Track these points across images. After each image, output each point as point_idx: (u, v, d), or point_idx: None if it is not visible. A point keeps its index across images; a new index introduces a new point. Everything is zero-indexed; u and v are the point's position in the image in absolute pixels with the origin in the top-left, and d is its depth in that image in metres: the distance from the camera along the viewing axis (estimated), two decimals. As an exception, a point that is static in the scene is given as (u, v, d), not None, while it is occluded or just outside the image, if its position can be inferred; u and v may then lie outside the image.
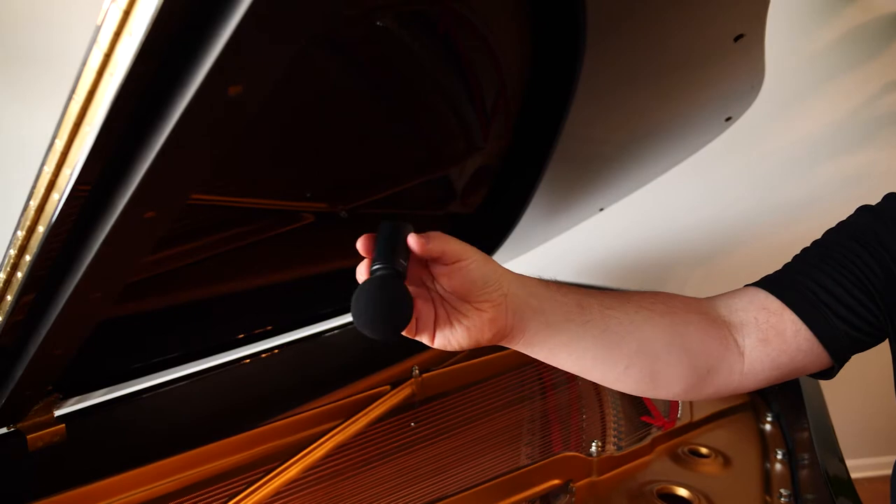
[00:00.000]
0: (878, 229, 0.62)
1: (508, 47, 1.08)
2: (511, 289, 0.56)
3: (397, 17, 0.86)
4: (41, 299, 0.64)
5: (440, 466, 0.97)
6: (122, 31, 0.33)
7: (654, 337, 0.61)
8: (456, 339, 0.55)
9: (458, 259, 0.53)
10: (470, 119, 1.18)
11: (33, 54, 1.68)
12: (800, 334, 0.62)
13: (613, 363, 0.61)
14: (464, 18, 0.96)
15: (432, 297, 0.55)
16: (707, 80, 1.01)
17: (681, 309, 0.64)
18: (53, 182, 0.43)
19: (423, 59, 0.95)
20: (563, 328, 0.59)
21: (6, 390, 0.78)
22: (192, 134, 0.37)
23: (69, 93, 0.38)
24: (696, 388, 0.64)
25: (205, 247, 0.96)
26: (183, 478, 0.90)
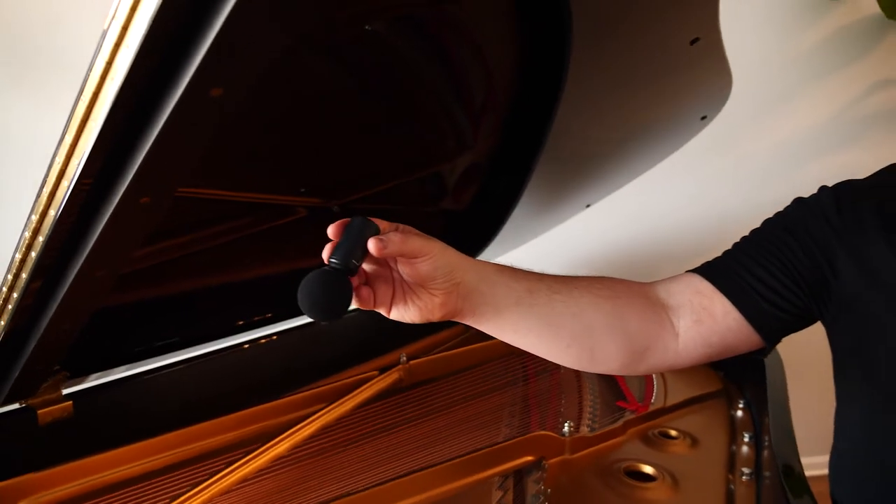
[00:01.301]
0: (808, 220, 0.69)
1: (497, 51, 1.14)
2: (464, 278, 0.63)
3: (387, 21, 0.93)
4: (50, 281, 0.71)
5: (422, 444, 1.04)
6: (121, 43, 0.41)
7: (595, 319, 0.69)
8: (409, 315, 0.63)
9: (416, 256, 0.61)
10: (459, 119, 1.24)
11: (43, 58, 1.77)
12: (729, 315, 0.69)
13: (556, 341, 0.69)
14: (453, 23, 1.03)
15: (393, 278, 0.63)
16: (675, 83, 1.08)
17: (623, 293, 0.71)
18: (63, 171, 0.51)
19: (413, 62, 1.02)
20: (511, 310, 0.66)
21: (17, 368, 0.86)
22: (179, 130, 0.44)
23: (77, 94, 0.46)
24: (633, 365, 0.72)
25: (205, 238, 1.03)
26: (180, 452, 0.98)
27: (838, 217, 0.67)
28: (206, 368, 1.12)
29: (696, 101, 1.18)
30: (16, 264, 0.64)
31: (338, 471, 0.97)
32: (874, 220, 0.66)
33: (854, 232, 0.66)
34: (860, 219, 0.67)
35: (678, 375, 1.30)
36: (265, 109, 0.85)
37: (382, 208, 1.29)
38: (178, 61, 0.42)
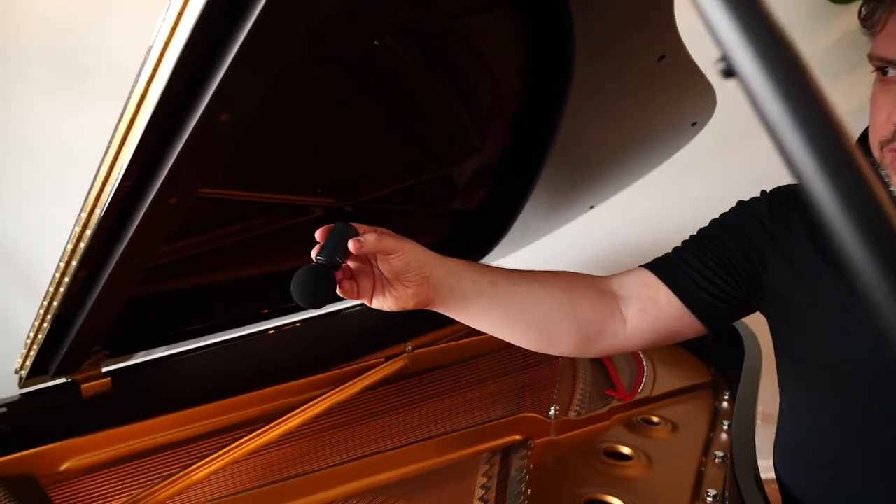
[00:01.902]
0: (744, 222, 0.79)
1: (503, 60, 1.24)
2: (433, 272, 0.75)
3: (397, 34, 1.03)
4: (94, 270, 0.84)
5: (422, 423, 1.16)
6: (153, 80, 0.53)
7: (551, 308, 0.79)
8: (387, 304, 0.74)
9: (389, 253, 0.72)
10: (468, 123, 1.35)
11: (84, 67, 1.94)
12: (672, 305, 0.79)
13: (516, 327, 0.80)
14: (459, 34, 1.13)
15: (373, 273, 0.74)
16: (656, 95, 1.17)
17: (577, 285, 0.82)
18: (107, 178, 0.63)
19: (422, 70, 1.12)
20: (476, 300, 0.77)
21: (64, 347, 1.00)
22: (197, 147, 0.56)
23: (118, 117, 0.58)
24: (586, 347, 0.82)
25: (232, 234, 1.15)
26: (205, 424, 1.11)
27: (770, 221, 0.77)
28: (231, 352, 1.25)
29: (682, 110, 1.26)
30: (67, 254, 0.77)
31: (345, 443, 1.09)
32: (800, 224, 0.75)
33: (783, 235, 0.76)
34: (788, 223, 0.76)
35: (669, 367, 1.39)
36: (283, 116, 0.96)
37: (394, 208, 1.40)
38: (195, 92, 0.54)
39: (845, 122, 0.26)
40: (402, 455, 1.00)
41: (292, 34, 0.53)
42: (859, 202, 0.24)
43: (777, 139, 0.26)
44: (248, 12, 0.45)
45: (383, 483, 0.98)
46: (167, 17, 0.49)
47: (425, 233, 1.56)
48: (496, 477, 1.00)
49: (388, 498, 0.95)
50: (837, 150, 0.24)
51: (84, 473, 1.00)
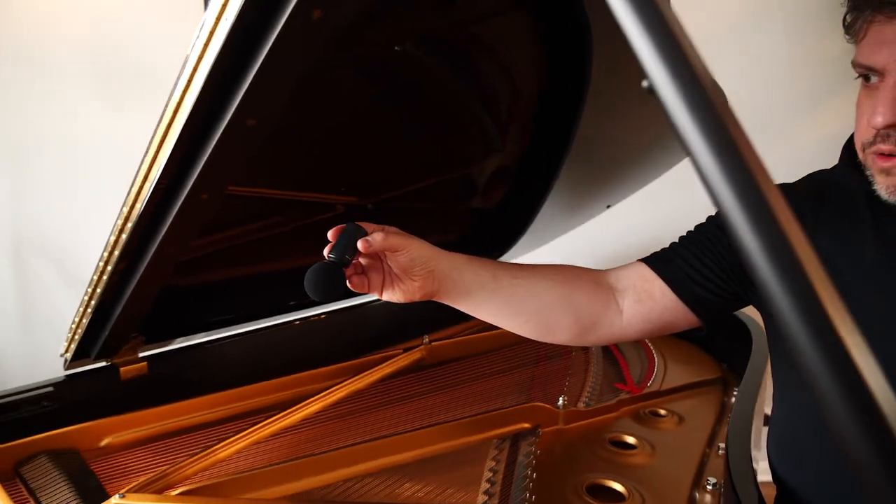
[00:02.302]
0: None
1: (523, 63, 1.29)
2: (437, 266, 0.81)
3: (417, 39, 1.09)
4: (133, 261, 0.93)
5: (436, 411, 1.22)
6: (187, 90, 0.60)
7: (550, 299, 0.85)
8: (396, 297, 0.81)
9: (396, 250, 0.79)
10: (488, 125, 1.40)
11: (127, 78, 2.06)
12: (666, 297, 0.84)
13: (517, 317, 0.86)
14: (479, 39, 1.19)
15: (382, 269, 0.81)
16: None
17: (575, 278, 0.88)
18: (147, 175, 0.72)
19: (443, 74, 1.17)
20: (478, 293, 0.84)
21: (105, 332, 1.09)
22: (226, 149, 0.64)
23: (157, 122, 0.66)
24: (583, 336, 0.88)
25: (259, 229, 1.23)
26: (233, 407, 1.19)
27: None
28: (258, 341, 1.34)
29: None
30: (109, 245, 0.86)
31: (362, 428, 1.16)
32: None
33: None
34: None
35: (679, 363, 1.44)
36: (309, 118, 1.03)
37: (415, 207, 1.47)
38: (224, 101, 0.61)
39: (744, 130, 0.31)
40: (415, 438, 1.07)
41: (308, 54, 0.60)
42: (752, 198, 0.29)
43: (684, 144, 0.31)
44: (269, 33, 0.52)
45: (397, 464, 1.05)
46: (200, 34, 0.57)
47: (446, 231, 1.63)
48: (504, 462, 1.06)
49: (401, 478, 1.02)
50: (732, 149, 0.30)
51: (121, 449, 1.09)
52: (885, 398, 0.29)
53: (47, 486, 0.96)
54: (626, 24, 0.31)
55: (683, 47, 0.30)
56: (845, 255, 0.77)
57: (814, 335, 0.29)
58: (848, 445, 0.29)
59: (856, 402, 0.29)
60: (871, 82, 0.72)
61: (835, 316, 0.29)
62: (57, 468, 0.99)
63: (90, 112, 2.21)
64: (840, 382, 0.29)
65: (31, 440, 1.02)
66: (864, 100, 0.74)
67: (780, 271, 0.31)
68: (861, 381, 0.29)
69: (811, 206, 0.81)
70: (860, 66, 0.72)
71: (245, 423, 1.11)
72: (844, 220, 0.78)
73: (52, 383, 1.10)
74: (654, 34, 0.30)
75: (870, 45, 0.70)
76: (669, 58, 0.30)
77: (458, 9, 1.10)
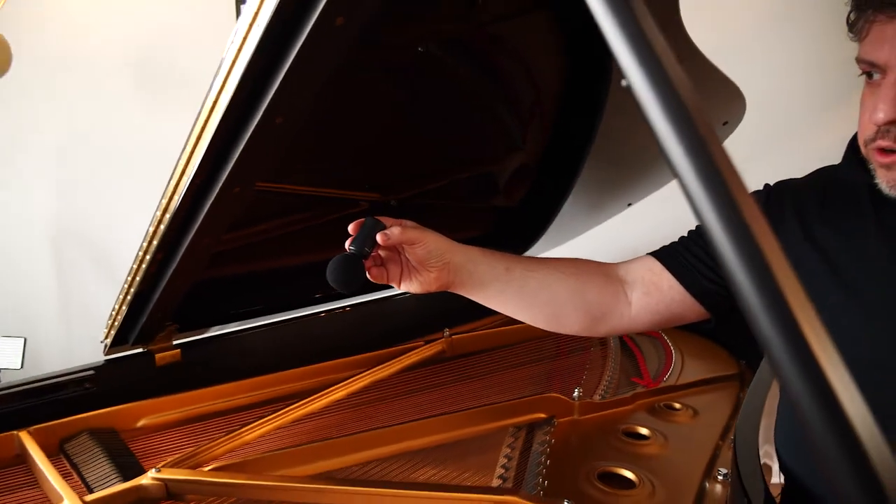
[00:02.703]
0: None
1: (544, 63, 1.33)
2: (453, 259, 0.86)
3: (441, 41, 1.14)
4: (169, 252, 1.00)
5: (454, 401, 1.27)
6: (222, 91, 0.66)
7: (560, 291, 0.90)
8: (413, 287, 0.86)
9: (413, 243, 0.84)
10: (510, 124, 1.44)
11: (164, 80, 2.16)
12: (673, 289, 0.88)
13: (529, 308, 0.90)
14: (501, 41, 1.23)
15: (401, 260, 0.86)
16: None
17: (585, 271, 0.92)
18: (184, 171, 0.78)
19: (466, 74, 1.22)
20: (492, 284, 0.88)
21: (142, 320, 1.16)
22: (257, 145, 0.70)
23: (194, 120, 0.72)
24: (593, 327, 0.92)
25: (286, 224, 1.29)
26: (260, 393, 1.26)
27: (766, 210, 0.84)
28: (285, 331, 1.40)
29: (711, 110, 1.34)
30: (149, 235, 0.93)
31: (383, 415, 1.22)
32: (793, 215, 0.83)
33: (777, 224, 0.83)
34: (783, 213, 0.84)
35: (697, 358, 1.46)
36: (335, 117, 1.09)
37: (438, 204, 1.52)
38: (255, 101, 0.67)
39: (709, 124, 0.35)
40: (433, 425, 1.13)
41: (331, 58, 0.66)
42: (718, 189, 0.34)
43: (657, 136, 0.36)
44: (296, 39, 0.58)
45: (416, 449, 1.10)
46: (234, 40, 0.63)
47: (469, 228, 1.68)
48: (519, 449, 1.10)
49: (420, 462, 1.07)
50: (698, 142, 0.34)
51: (156, 430, 1.16)
52: (855, 410, 0.32)
53: (89, 462, 1.03)
54: (606, 31, 0.35)
55: (657, 52, 0.35)
56: (849, 247, 0.80)
57: (784, 344, 0.33)
58: (822, 461, 0.32)
59: (826, 408, 0.32)
60: (873, 79, 0.75)
61: (802, 320, 0.33)
62: (97, 445, 1.06)
63: (127, 113, 2.33)
64: (812, 395, 0.32)
65: (74, 419, 1.10)
66: (866, 97, 0.76)
67: (748, 270, 0.35)
68: (829, 387, 0.32)
69: (817, 201, 0.84)
70: (863, 63, 0.75)
71: (271, 409, 1.17)
72: (848, 214, 0.81)
73: (93, 367, 1.17)
74: (631, 40, 0.34)
75: (872, 42, 0.73)
76: (644, 61, 0.34)
77: (480, 11, 1.15)
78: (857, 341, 0.78)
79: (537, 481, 1.00)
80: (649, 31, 0.35)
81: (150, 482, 0.92)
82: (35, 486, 0.99)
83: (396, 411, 1.24)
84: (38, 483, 0.99)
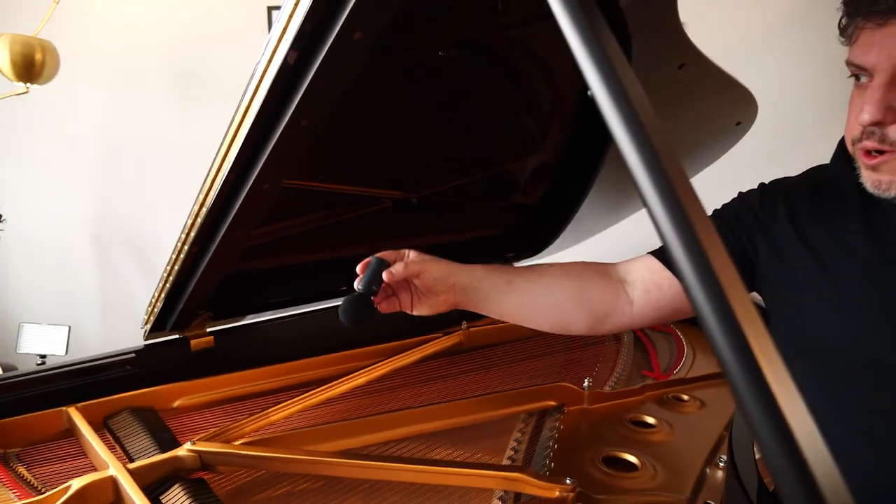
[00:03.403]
0: (739, 210, 0.93)
1: (563, 64, 1.39)
2: (458, 280, 0.94)
3: (461, 45, 1.21)
4: (204, 245, 1.09)
5: (469, 389, 1.35)
6: (254, 97, 0.75)
7: (563, 297, 0.97)
8: (424, 310, 0.95)
9: (417, 275, 0.92)
10: (529, 124, 1.51)
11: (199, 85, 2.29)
12: (673, 287, 0.94)
13: (534, 315, 0.98)
14: (520, 44, 1.29)
15: (410, 289, 0.94)
16: (692, 97, 1.30)
17: (585, 274, 0.98)
18: (219, 169, 0.87)
19: (485, 76, 1.29)
20: (496, 298, 0.96)
21: (178, 308, 1.26)
22: (285, 145, 0.78)
23: (229, 123, 0.81)
24: (597, 326, 0.98)
25: (313, 220, 1.37)
26: (287, 378, 1.35)
27: (761, 209, 0.90)
28: (310, 321, 1.49)
29: (722, 111, 1.39)
30: (186, 228, 1.02)
31: (401, 401, 1.30)
32: (785, 212, 0.88)
33: (770, 221, 0.89)
34: (776, 211, 0.89)
35: (708, 352, 1.51)
36: (358, 119, 1.16)
37: (458, 202, 1.59)
38: (283, 105, 0.76)
39: (658, 127, 0.42)
40: (448, 409, 1.20)
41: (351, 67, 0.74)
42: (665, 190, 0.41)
43: (617, 140, 0.43)
44: (318, 52, 0.66)
45: (431, 431, 1.18)
46: (265, 51, 0.71)
47: (489, 225, 1.75)
48: (529, 434, 1.18)
49: (434, 444, 1.15)
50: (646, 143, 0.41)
51: (191, 410, 1.26)
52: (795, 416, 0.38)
53: (130, 436, 1.13)
54: (575, 50, 0.43)
55: (617, 70, 0.42)
56: (835, 242, 0.85)
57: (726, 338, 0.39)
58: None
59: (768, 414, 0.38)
60: (861, 81, 0.80)
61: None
62: (138, 421, 1.16)
63: (163, 117, 2.47)
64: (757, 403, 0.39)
65: (117, 398, 1.20)
66: (854, 98, 0.82)
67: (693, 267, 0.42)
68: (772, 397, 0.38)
69: (808, 198, 0.90)
70: (852, 66, 0.80)
71: (296, 393, 1.26)
72: (836, 211, 0.86)
73: (134, 351, 1.28)
74: (594, 59, 0.42)
75: (861, 47, 0.79)
76: (604, 77, 0.41)
77: (499, 16, 1.21)
78: (843, 334, 0.83)
79: (544, 463, 1.07)
80: (612, 52, 0.42)
81: (187, 454, 1.02)
82: (79, 457, 1.09)
83: (414, 397, 1.32)
84: (84, 453, 1.09)
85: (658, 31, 1.06)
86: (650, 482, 1.05)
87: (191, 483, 0.99)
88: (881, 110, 0.76)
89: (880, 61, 0.76)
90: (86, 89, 2.45)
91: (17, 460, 1.08)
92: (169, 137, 2.44)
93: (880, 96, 0.77)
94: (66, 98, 2.43)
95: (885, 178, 0.79)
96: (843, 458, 0.85)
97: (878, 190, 0.80)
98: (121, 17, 2.40)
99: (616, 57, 0.42)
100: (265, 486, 1.04)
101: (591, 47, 0.42)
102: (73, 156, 2.54)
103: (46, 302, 2.70)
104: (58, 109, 2.48)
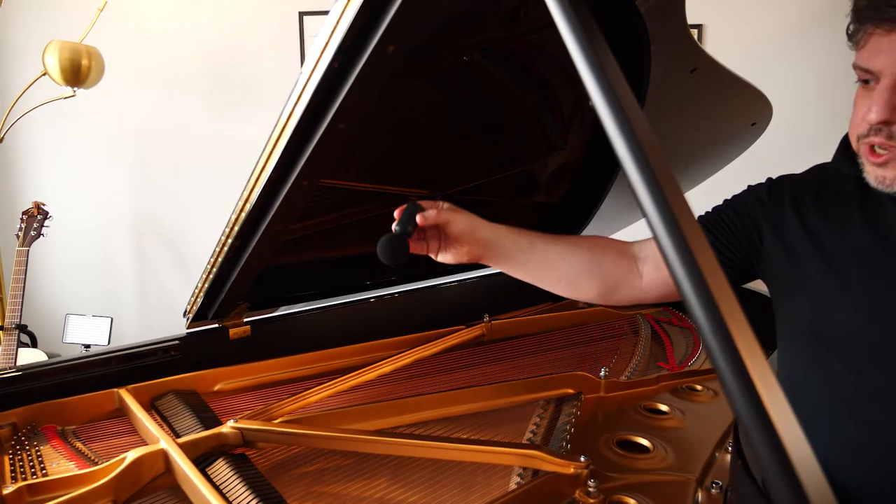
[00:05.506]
0: (748, 200, 1.00)
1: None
2: (483, 235, 1.02)
3: (485, 50, 1.29)
4: (244, 240, 1.19)
5: (492, 377, 1.43)
6: (297, 103, 0.85)
7: (578, 262, 1.05)
8: (448, 258, 1.04)
9: (447, 222, 1.01)
10: (551, 125, 1.59)
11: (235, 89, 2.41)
12: None
13: (549, 276, 1.06)
14: (542, 48, 1.37)
15: (439, 235, 1.03)
16: (706, 100, 1.37)
17: (602, 247, 1.07)
18: (263, 167, 0.97)
19: (508, 79, 1.37)
20: (516, 256, 1.04)
21: (220, 298, 1.36)
22: (323, 147, 0.88)
23: (273, 126, 0.91)
24: (607, 295, 1.06)
25: (344, 216, 1.47)
26: (318, 366, 1.45)
27: (768, 200, 0.98)
28: (340, 313, 1.59)
29: (737, 112, 1.46)
30: (231, 222, 1.13)
31: (426, 388, 1.39)
32: (791, 203, 0.96)
33: (777, 211, 0.97)
34: (782, 202, 0.97)
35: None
36: (389, 122, 1.25)
37: (482, 200, 1.67)
38: (323, 111, 0.85)
39: (648, 128, 0.50)
40: (472, 394, 1.29)
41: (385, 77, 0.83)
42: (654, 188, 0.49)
43: (613, 143, 0.51)
44: (356, 64, 0.75)
45: (455, 415, 1.27)
46: (307, 62, 0.81)
47: (510, 222, 1.82)
48: (547, 419, 1.26)
49: (457, 427, 1.24)
50: (637, 144, 0.49)
51: (230, 394, 1.37)
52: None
53: (176, 415, 1.24)
54: (579, 66, 0.51)
55: (613, 84, 0.50)
56: (837, 233, 0.92)
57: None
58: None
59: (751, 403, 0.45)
60: (868, 84, 0.87)
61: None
62: (182, 403, 1.27)
63: (200, 121, 2.60)
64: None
65: (162, 381, 1.31)
66: (860, 98, 0.89)
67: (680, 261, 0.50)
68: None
69: (811, 193, 0.97)
70: (860, 69, 0.87)
71: (328, 380, 1.36)
72: (837, 204, 0.93)
73: (177, 338, 1.38)
74: (595, 77, 0.50)
75: (869, 52, 0.85)
76: (603, 90, 0.50)
77: (522, 22, 1.29)
78: (846, 323, 0.90)
79: (561, 445, 1.15)
80: (609, 67, 0.50)
81: (230, 430, 1.12)
82: (128, 434, 1.20)
83: (439, 385, 1.41)
84: (133, 431, 1.20)
85: (669, 38, 1.14)
86: (661, 463, 1.13)
87: (233, 457, 1.09)
88: (888, 110, 0.83)
89: (887, 66, 0.83)
90: (128, 93, 2.60)
91: (75, 436, 1.20)
92: (205, 138, 2.58)
93: (887, 97, 0.83)
94: (110, 101, 2.57)
95: (890, 174, 0.86)
96: (846, 445, 0.92)
97: (882, 185, 0.87)
98: (161, 24, 2.54)
99: (612, 70, 0.50)
100: (300, 464, 1.14)
101: (591, 64, 0.50)
102: (115, 156, 2.69)
103: (89, 294, 2.85)
104: (101, 112, 2.63)
